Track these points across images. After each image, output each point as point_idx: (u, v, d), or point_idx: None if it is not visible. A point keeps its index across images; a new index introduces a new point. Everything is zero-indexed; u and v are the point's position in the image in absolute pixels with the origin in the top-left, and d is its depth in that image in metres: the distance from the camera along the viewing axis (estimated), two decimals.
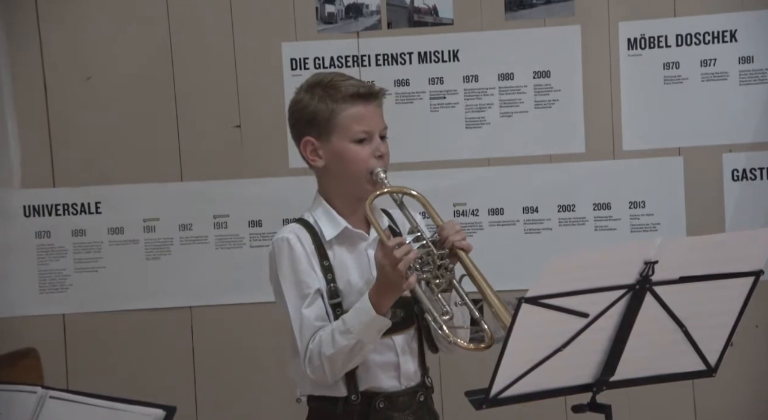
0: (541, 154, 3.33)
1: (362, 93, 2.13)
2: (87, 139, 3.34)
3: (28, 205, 3.34)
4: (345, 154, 2.13)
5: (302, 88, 2.19)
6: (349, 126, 2.12)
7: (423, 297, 2.02)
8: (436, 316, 2.01)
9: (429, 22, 3.33)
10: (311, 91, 2.16)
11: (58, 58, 3.33)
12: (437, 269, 2.04)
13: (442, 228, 2.06)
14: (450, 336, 2.00)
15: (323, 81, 2.16)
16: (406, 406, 2.15)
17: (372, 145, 2.13)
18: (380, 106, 2.17)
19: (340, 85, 2.13)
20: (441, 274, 2.04)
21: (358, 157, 2.12)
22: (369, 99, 2.14)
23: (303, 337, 2.08)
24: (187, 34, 3.32)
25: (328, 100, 2.12)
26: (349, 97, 2.12)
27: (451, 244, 2.03)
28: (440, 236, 2.05)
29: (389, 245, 1.97)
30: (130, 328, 3.34)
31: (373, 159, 2.12)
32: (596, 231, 3.32)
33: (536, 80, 3.32)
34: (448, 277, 2.04)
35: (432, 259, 2.04)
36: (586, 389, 1.88)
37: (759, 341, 3.27)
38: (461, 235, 2.05)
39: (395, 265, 1.96)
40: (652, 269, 1.76)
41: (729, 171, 3.29)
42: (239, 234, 3.35)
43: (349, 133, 2.12)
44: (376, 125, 2.14)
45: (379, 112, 2.16)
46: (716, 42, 3.26)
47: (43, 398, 1.87)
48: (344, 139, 2.13)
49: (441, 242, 2.05)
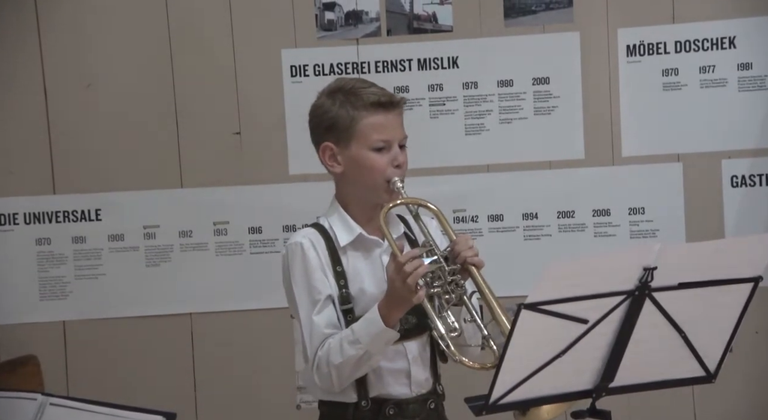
0: (541, 161, 3.33)
1: (383, 102, 2.13)
2: (87, 146, 3.34)
3: (28, 212, 3.35)
4: (363, 161, 2.12)
5: (324, 92, 2.19)
6: (368, 134, 2.12)
7: (432, 313, 2.02)
8: (443, 333, 2.01)
9: (428, 28, 3.34)
10: (333, 96, 2.15)
11: (58, 66, 3.33)
12: (448, 284, 2.03)
13: (455, 243, 2.05)
14: (456, 355, 2.00)
15: (345, 87, 2.15)
16: (416, 413, 2.14)
17: (391, 154, 2.13)
18: (400, 115, 2.17)
19: (361, 92, 2.13)
20: (452, 290, 2.03)
21: (376, 166, 2.12)
22: (389, 108, 2.13)
23: (312, 344, 2.08)
24: (186, 41, 3.33)
25: (349, 107, 2.12)
26: (370, 105, 2.12)
27: (464, 259, 2.03)
28: (453, 251, 2.05)
29: (400, 260, 1.98)
30: (130, 335, 3.34)
31: (390, 168, 2.12)
32: (596, 237, 3.33)
33: (535, 87, 3.33)
34: (458, 293, 2.04)
35: (443, 274, 2.03)
36: (585, 395, 1.87)
37: (759, 347, 3.27)
38: (474, 251, 2.04)
39: (405, 280, 1.96)
40: (651, 275, 1.76)
41: (728, 177, 3.29)
42: (239, 241, 3.35)
43: (369, 142, 2.12)
44: (396, 134, 2.14)
45: (399, 121, 2.16)
46: (715, 48, 3.27)
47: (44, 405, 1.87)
48: (363, 147, 2.12)
49: (453, 257, 2.04)
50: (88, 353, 3.34)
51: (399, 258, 1.98)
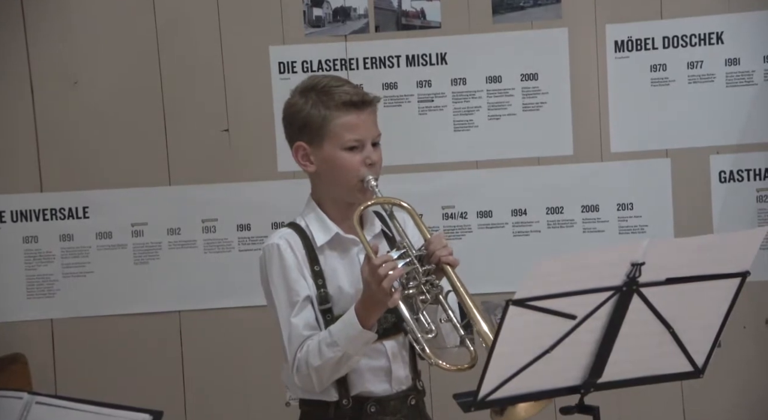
0: (529, 157, 3.33)
1: (355, 101, 2.13)
2: (74, 143, 3.33)
3: (15, 210, 3.33)
4: (336, 161, 2.12)
5: (297, 90, 2.19)
6: (340, 134, 2.11)
7: (407, 316, 2.01)
8: (418, 337, 2.00)
9: (417, 25, 3.33)
10: (305, 95, 2.15)
11: (45, 63, 3.32)
12: (423, 285, 2.03)
13: (429, 242, 2.05)
14: (431, 358, 2.00)
15: (318, 85, 2.15)
16: (397, 409, 2.15)
17: (363, 153, 2.13)
18: (374, 113, 2.17)
19: (333, 91, 2.13)
20: (427, 290, 2.03)
21: (349, 165, 2.11)
22: (362, 107, 2.13)
23: (291, 346, 2.08)
24: (174, 37, 3.32)
25: (321, 107, 2.12)
26: (342, 105, 2.12)
27: (438, 259, 2.03)
28: (427, 250, 2.04)
29: (375, 263, 1.97)
30: (118, 333, 3.33)
31: (363, 167, 2.12)
32: (584, 233, 3.33)
33: (524, 83, 3.32)
34: (434, 293, 2.03)
35: (418, 275, 2.03)
36: (574, 391, 1.87)
37: (747, 342, 3.28)
38: (448, 250, 2.04)
39: (380, 283, 1.96)
40: (639, 271, 1.76)
41: (716, 172, 3.30)
42: (228, 238, 3.35)
43: (341, 141, 2.12)
44: (369, 133, 2.14)
45: (372, 119, 2.16)
46: (703, 44, 3.27)
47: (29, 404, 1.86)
48: (335, 147, 2.12)
49: (428, 257, 2.04)
50: (77, 351, 3.34)
51: (374, 261, 1.98)
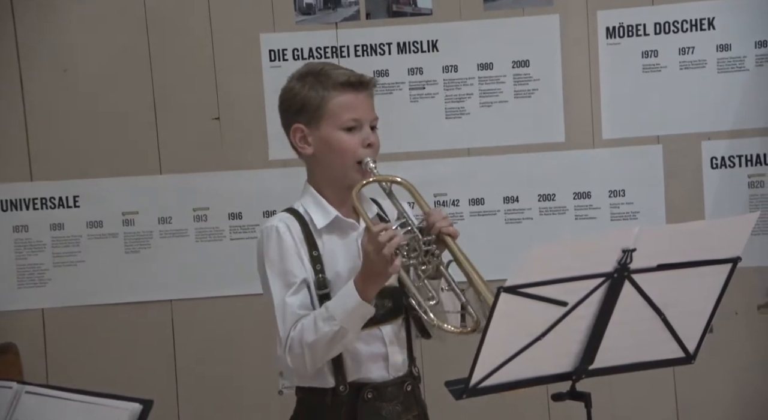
0: (521, 144, 3.33)
1: (353, 81, 2.13)
2: (64, 132, 3.31)
3: (5, 199, 3.32)
4: (334, 142, 2.12)
5: (294, 76, 2.19)
6: (338, 113, 2.11)
7: (408, 282, 2.03)
8: (420, 300, 2.01)
9: (408, 12, 3.32)
10: (302, 79, 2.15)
11: (33, 51, 3.30)
12: (424, 256, 2.04)
13: (428, 214, 2.06)
14: (434, 320, 2.00)
15: (314, 69, 2.16)
16: (394, 396, 2.15)
17: (362, 134, 2.12)
18: (371, 97, 2.17)
19: (331, 73, 2.13)
20: (428, 261, 2.03)
21: (347, 146, 2.11)
22: (359, 88, 2.14)
23: (285, 325, 2.06)
24: (164, 25, 3.30)
25: (319, 88, 2.12)
26: (339, 85, 2.12)
27: (438, 230, 2.03)
28: (427, 223, 2.05)
29: (374, 230, 1.97)
30: (110, 322, 3.33)
31: (361, 148, 2.12)
32: (576, 220, 3.33)
33: (515, 70, 3.32)
34: (435, 263, 2.04)
35: (418, 245, 2.04)
36: (565, 378, 1.88)
37: (738, 328, 3.28)
38: (447, 222, 2.04)
39: (380, 250, 1.95)
40: (630, 257, 1.76)
41: (708, 159, 3.30)
42: (219, 227, 3.34)
43: (339, 121, 2.11)
44: (366, 114, 2.14)
45: (369, 102, 2.16)
46: (694, 30, 3.27)
47: (19, 393, 1.86)
48: (333, 127, 2.12)
49: (428, 229, 2.05)
50: (68, 341, 3.33)
51: (373, 229, 1.98)
